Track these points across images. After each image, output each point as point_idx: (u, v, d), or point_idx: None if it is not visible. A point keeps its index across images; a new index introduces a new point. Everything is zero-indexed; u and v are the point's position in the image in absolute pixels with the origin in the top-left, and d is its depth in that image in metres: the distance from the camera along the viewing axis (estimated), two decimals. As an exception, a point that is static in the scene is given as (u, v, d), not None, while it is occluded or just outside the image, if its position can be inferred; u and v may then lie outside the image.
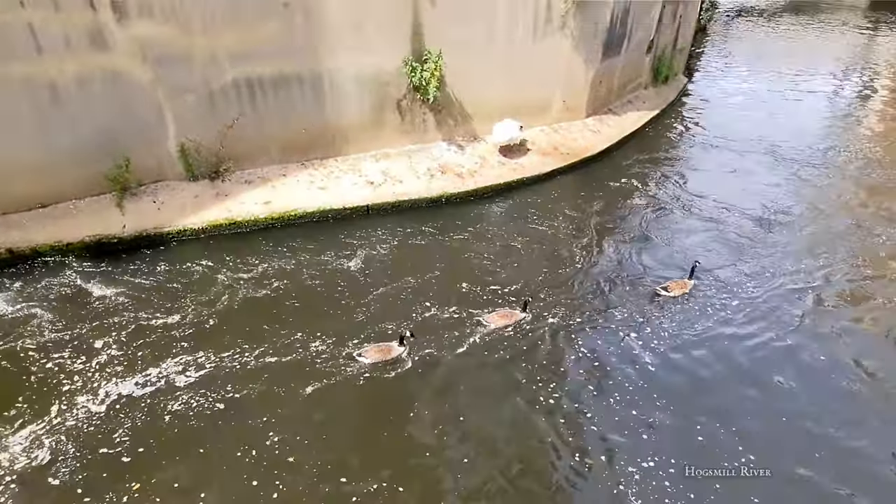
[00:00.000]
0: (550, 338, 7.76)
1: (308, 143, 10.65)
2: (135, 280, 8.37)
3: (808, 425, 6.71)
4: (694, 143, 14.10)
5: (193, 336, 7.47)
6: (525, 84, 12.18)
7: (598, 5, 12.02)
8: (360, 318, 7.91)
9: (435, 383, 7.06)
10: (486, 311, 8.08)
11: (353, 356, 7.26)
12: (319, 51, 9.92)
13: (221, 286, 8.33)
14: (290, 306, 8.06)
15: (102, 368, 6.95)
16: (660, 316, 8.23)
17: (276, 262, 8.87)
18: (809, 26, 26.74)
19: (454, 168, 11.29)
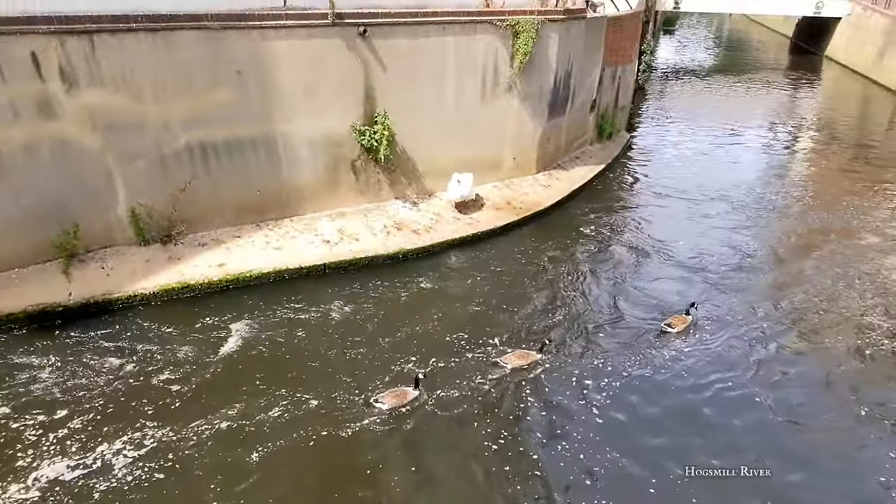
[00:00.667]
0: (516, 387, 7.85)
1: (263, 205, 10.69)
2: (79, 349, 8.05)
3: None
4: (640, 193, 14.76)
5: (141, 408, 7.18)
6: (476, 143, 12.63)
7: (542, 70, 12.70)
8: (329, 379, 7.78)
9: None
10: (504, 353, 8.30)
11: (370, 402, 7.35)
12: (273, 115, 10.13)
13: (173, 353, 8.09)
14: (249, 370, 7.87)
15: (42, 448, 6.57)
16: (635, 359, 8.44)
17: (231, 325, 8.71)
18: (737, 84, 28.80)
19: (410, 225, 11.46)
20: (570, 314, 9.54)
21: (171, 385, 7.56)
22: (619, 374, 8.16)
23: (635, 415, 7.55)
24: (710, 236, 12.36)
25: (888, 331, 9.20)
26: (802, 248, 11.99)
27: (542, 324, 9.22)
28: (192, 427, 6.94)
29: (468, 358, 8.35)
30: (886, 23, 28.04)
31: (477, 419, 7.33)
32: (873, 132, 21.51)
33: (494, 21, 11.59)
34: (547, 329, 9.06)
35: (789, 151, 19.08)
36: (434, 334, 8.80)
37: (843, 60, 32.53)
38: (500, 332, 8.92)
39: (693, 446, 7.13)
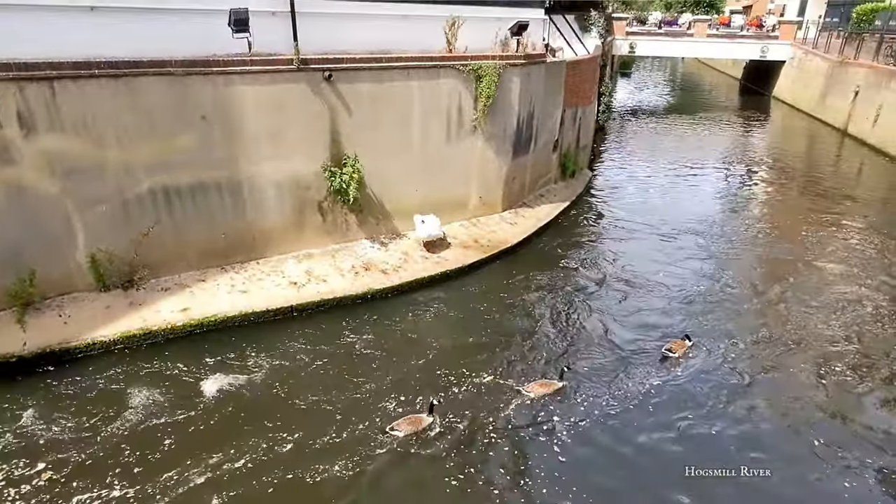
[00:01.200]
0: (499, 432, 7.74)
1: (228, 248, 10.58)
2: (34, 401, 7.71)
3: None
4: (605, 227, 15.10)
5: (105, 462, 6.87)
6: (443, 183, 12.82)
7: (505, 112, 13.06)
8: (305, 423, 7.58)
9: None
10: (527, 382, 8.43)
11: (385, 430, 7.39)
12: (238, 159, 10.14)
13: (135, 402, 7.81)
14: (217, 417, 7.63)
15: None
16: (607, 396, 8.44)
17: (196, 371, 8.47)
18: (693, 123, 30.05)
19: (378, 265, 11.45)
20: (546, 347, 9.59)
21: (134, 436, 7.27)
22: (594, 410, 8.16)
23: (599, 451, 7.53)
24: (677, 268, 12.67)
25: (855, 361, 9.39)
26: (772, 277, 12.32)
27: (519, 358, 9.23)
28: (162, 482, 6.64)
29: (454, 392, 8.27)
30: (826, 66, 29.81)
31: (495, 449, 7.28)
32: (822, 167, 22.57)
33: (457, 66, 11.94)
34: (527, 363, 9.06)
35: (746, 186, 19.84)
36: (409, 373, 8.70)
37: (789, 100, 34.33)
38: (479, 368, 8.87)
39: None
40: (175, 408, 7.77)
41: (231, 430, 7.45)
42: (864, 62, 26.28)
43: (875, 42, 26.72)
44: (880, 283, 12.07)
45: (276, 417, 7.68)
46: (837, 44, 30.87)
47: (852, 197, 18.11)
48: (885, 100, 23.22)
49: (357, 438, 7.40)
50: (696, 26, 37.00)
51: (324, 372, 8.67)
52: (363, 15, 11.41)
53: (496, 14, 13.32)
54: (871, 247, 13.96)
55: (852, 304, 11.16)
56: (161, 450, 7.11)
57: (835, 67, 28.67)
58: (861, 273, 12.50)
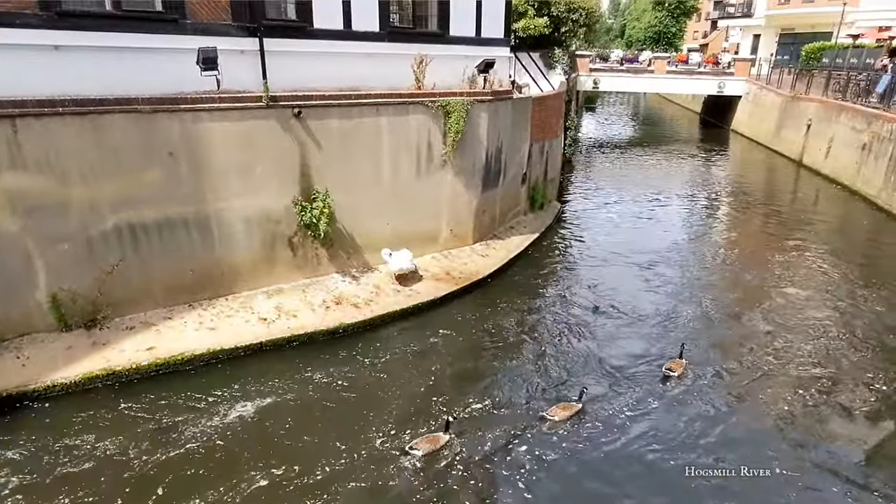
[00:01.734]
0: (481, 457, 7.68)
1: (196, 284, 10.42)
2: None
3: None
4: (575, 257, 15.35)
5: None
6: (413, 216, 12.92)
7: (474, 147, 13.32)
8: (282, 464, 7.36)
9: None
10: (550, 406, 8.56)
11: (405, 450, 7.54)
12: (206, 195, 10.08)
13: (96, 447, 7.52)
14: (185, 461, 7.37)
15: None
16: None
17: (161, 411, 8.22)
18: (656, 155, 31.04)
19: (350, 299, 11.39)
20: (522, 376, 9.61)
21: (92, 482, 6.97)
22: (568, 444, 8.17)
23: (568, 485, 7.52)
24: (649, 294, 12.93)
25: (830, 384, 9.60)
26: (744, 302, 12.62)
27: (498, 388, 9.22)
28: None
29: (428, 429, 8.17)
30: (780, 101, 31.24)
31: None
32: (780, 196, 23.46)
33: (426, 102, 12.18)
34: (502, 392, 9.03)
35: (710, 214, 20.49)
36: (383, 407, 8.57)
37: (746, 133, 35.74)
38: (457, 400, 8.80)
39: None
40: (139, 451, 7.50)
41: (201, 474, 7.22)
42: (814, 97, 27.61)
43: (824, 78, 28.16)
44: (847, 305, 12.52)
45: (246, 458, 7.47)
46: (789, 80, 32.45)
47: (811, 224, 18.81)
48: (835, 133, 24.36)
49: (341, 474, 7.24)
50: (656, 63, 38.57)
51: (296, 409, 8.49)
52: (332, 53, 11.63)
53: (463, 52, 13.69)
54: (834, 271, 14.49)
55: (823, 327, 11.47)
56: (125, 497, 6.83)
57: (788, 102, 30.06)
58: (827, 297, 12.92)
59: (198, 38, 9.77)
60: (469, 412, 8.56)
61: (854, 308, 12.37)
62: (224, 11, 10.11)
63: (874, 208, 19.88)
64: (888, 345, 10.79)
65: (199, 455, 7.52)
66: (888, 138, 19.79)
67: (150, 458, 7.41)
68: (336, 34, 11.61)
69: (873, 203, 20.14)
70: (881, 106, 21.91)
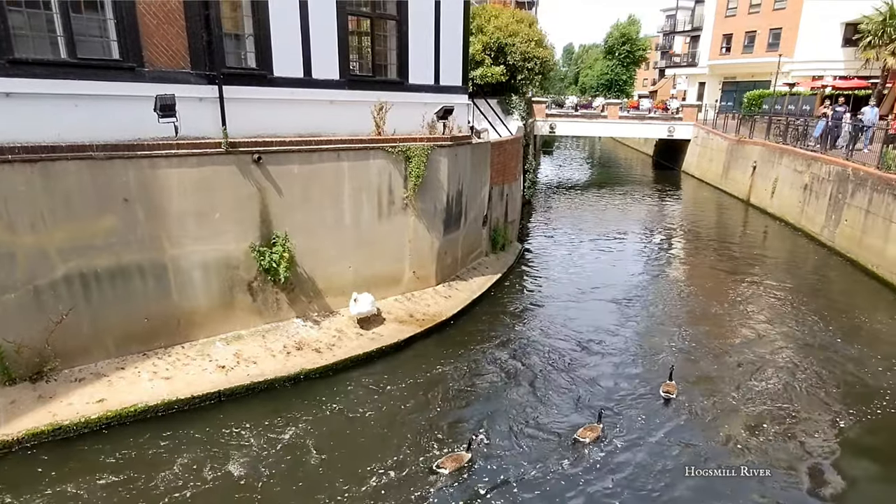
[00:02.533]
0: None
1: (150, 332, 10.11)
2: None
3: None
4: (537, 296, 15.54)
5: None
6: (376, 259, 12.94)
7: (435, 190, 13.53)
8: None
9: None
10: (579, 428, 8.88)
11: (432, 469, 7.88)
12: (162, 242, 9.91)
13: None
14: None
15: None
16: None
17: (109, 469, 7.82)
18: (612, 196, 32.03)
19: (311, 344, 11.22)
20: (491, 416, 9.56)
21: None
22: (534, 483, 8.11)
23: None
24: (611, 330, 13.14)
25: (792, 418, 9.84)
26: (706, 336, 13.00)
27: (463, 430, 9.11)
28: None
29: (398, 474, 8.00)
30: (726, 144, 32.84)
31: None
32: (731, 234, 24.41)
33: (387, 148, 12.40)
34: (467, 435, 8.94)
35: (667, 252, 21.13)
36: (347, 456, 8.36)
37: (697, 174, 37.28)
38: (424, 445, 8.67)
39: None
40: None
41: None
42: (758, 141, 29.15)
43: (765, 123, 29.82)
44: (804, 336, 13.03)
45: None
46: (734, 124, 34.23)
47: (762, 259, 19.60)
48: (779, 174, 25.67)
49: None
50: (609, 109, 40.23)
51: (255, 460, 8.21)
52: (292, 100, 11.76)
53: (423, 99, 14.04)
54: (788, 304, 15.10)
55: (786, 360, 11.81)
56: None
57: (733, 145, 31.62)
58: (785, 329, 13.40)
59: (156, 85, 9.76)
60: (435, 456, 8.43)
61: (811, 338, 12.87)
62: (183, 60, 10.18)
63: (818, 244, 20.86)
64: (847, 378, 11.13)
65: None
66: (827, 179, 20.97)
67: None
68: (296, 82, 11.78)
69: (817, 239, 21.13)
70: (819, 149, 23.28)
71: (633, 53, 69.20)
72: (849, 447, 9.00)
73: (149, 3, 9.61)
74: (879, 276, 16.66)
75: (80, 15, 9.22)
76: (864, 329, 13.50)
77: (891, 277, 16.12)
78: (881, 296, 15.80)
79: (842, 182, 19.81)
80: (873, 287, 16.50)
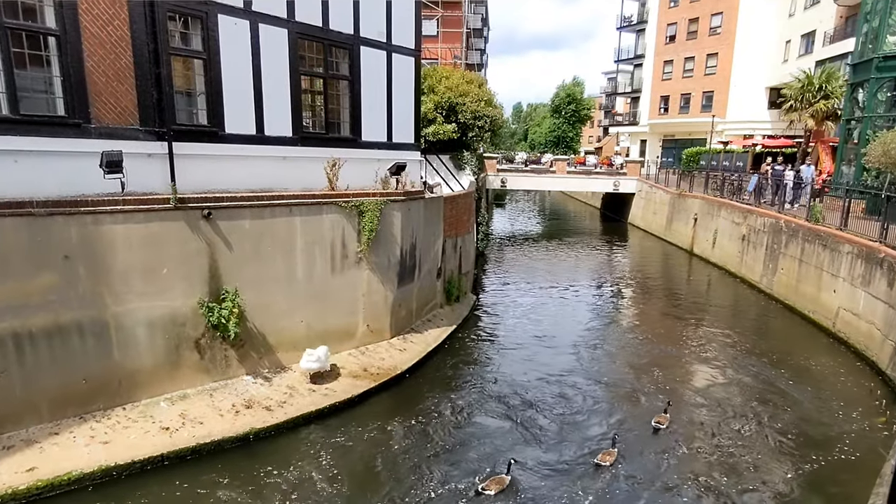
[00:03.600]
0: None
1: (89, 394, 9.63)
2: None
3: None
4: (492, 346, 15.61)
5: None
6: (329, 313, 12.82)
7: (388, 244, 13.66)
8: None
9: None
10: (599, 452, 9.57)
11: (478, 491, 8.50)
12: (105, 299, 9.60)
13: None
14: None
15: None
16: None
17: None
18: (563, 247, 32.93)
19: (262, 401, 10.89)
20: (443, 472, 9.37)
21: None
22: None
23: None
24: (566, 377, 13.30)
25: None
26: (658, 381, 13.26)
27: (421, 486, 8.92)
28: None
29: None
30: (668, 197, 34.45)
31: None
32: (677, 282, 25.31)
33: (340, 203, 12.52)
34: (425, 490, 8.73)
35: (617, 300, 21.71)
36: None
37: (642, 226, 38.78)
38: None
39: None
40: None
41: None
42: (697, 194, 30.69)
43: (703, 178, 31.53)
44: (751, 380, 13.50)
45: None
46: (674, 179, 36.03)
47: (707, 307, 20.38)
48: (718, 225, 26.99)
49: None
50: (557, 164, 41.79)
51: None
52: (244, 156, 11.82)
53: (376, 156, 14.34)
54: (735, 349, 15.68)
55: (737, 405, 12.10)
56: None
57: (675, 198, 33.19)
58: (733, 374, 13.82)
59: (103, 141, 9.66)
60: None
61: (761, 382, 13.32)
62: (132, 116, 10.16)
63: (758, 292, 21.82)
64: (801, 425, 11.38)
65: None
66: (763, 230, 22.19)
67: None
68: (249, 139, 11.88)
69: (757, 287, 22.13)
70: (753, 202, 24.70)
71: (578, 112, 72.68)
72: (809, 493, 9.19)
73: (98, 62, 9.64)
74: (816, 322, 17.50)
75: (25, 71, 9.15)
76: (811, 371, 14.09)
77: (826, 322, 16.96)
78: (819, 340, 16.56)
79: (776, 233, 21.00)
80: (811, 331, 17.30)
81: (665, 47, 51.75)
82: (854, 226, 16.89)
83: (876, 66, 21.57)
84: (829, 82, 31.74)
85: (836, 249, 16.80)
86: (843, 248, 16.41)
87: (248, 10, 11.45)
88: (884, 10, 21.38)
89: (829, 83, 31.68)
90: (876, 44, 21.77)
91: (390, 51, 14.47)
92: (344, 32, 13.36)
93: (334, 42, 13.27)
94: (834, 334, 16.29)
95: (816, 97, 32.04)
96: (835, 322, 16.43)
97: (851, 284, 15.71)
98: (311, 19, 12.60)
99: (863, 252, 15.31)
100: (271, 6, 11.83)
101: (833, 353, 15.32)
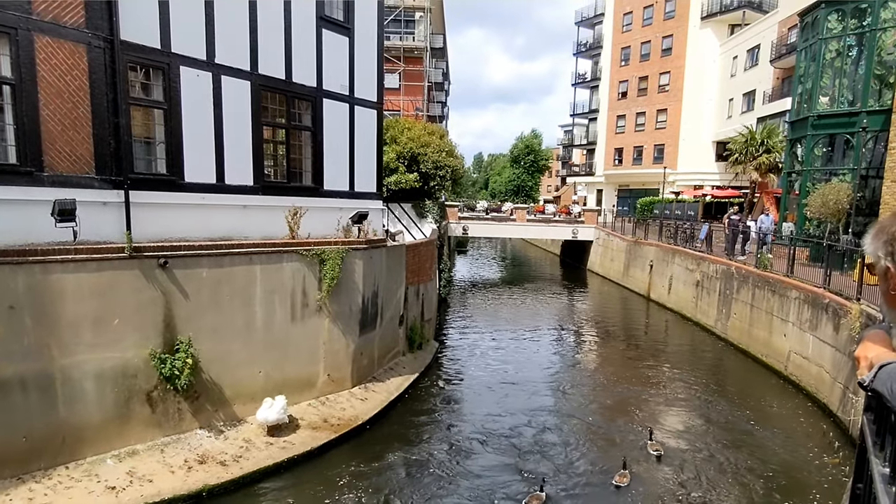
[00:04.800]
0: None
1: (29, 453, 9.09)
2: None
3: None
4: (455, 392, 15.53)
5: None
6: (289, 363, 12.57)
7: (350, 292, 13.61)
8: None
9: None
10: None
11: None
12: (51, 350, 9.22)
13: None
14: None
15: None
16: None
17: None
18: (524, 293, 33.29)
19: (216, 456, 10.47)
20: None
21: None
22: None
23: None
24: (531, 423, 13.26)
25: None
26: (628, 425, 13.35)
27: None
28: None
29: None
30: (625, 244, 35.44)
31: None
32: (636, 326, 25.77)
33: (301, 251, 12.49)
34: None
35: (578, 344, 21.98)
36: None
37: (600, 272, 39.61)
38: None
39: None
40: None
41: None
42: (652, 242, 31.70)
43: (657, 226, 32.66)
44: (716, 418, 13.81)
45: None
46: (630, 227, 37.19)
47: (665, 350, 20.79)
48: (673, 272, 27.83)
49: None
50: (517, 213, 42.67)
51: None
52: (204, 205, 11.76)
53: (338, 205, 14.46)
54: (697, 391, 15.97)
55: (703, 448, 12.23)
56: None
57: (631, 246, 34.18)
58: (695, 416, 14.11)
59: (56, 189, 9.48)
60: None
61: (724, 423, 13.59)
62: (87, 165, 10.04)
63: (714, 336, 22.41)
64: (769, 467, 11.55)
65: None
66: (715, 276, 22.99)
67: None
68: (208, 187, 11.85)
69: (712, 332, 22.74)
70: (705, 250, 25.65)
71: (537, 163, 74.98)
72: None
73: (54, 111, 9.58)
74: (769, 365, 18.03)
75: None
76: (767, 413, 14.44)
77: (778, 366, 17.49)
78: (773, 382, 17.03)
79: (728, 279, 21.77)
80: (765, 374, 17.78)
81: (617, 103, 54.34)
82: (800, 272, 17.67)
83: (811, 123, 23.12)
84: (770, 137, 33.77)
85: (784, 295, 17.50)
86: (790, 293, 17.11)
87: (210, 62, 11.62)
88: (815, 74, 23.11)
89: (770, 138, 33.71)
90: (810, 104, 23.41)
91: (353, 103, 14.81)
92: (307, 85, 13.65)
93: (297, 94, 13.52)
94: (787, 377, 16.78)
95: (759, 151, 33.98)
96: (787, 365, 16.95)
97: (800, 329, 16.31)
98: (273, 72, 12.85)
99: (809, 297, 15.99)
100: (234, 59, 12.04)
101: (787, 395, 15.76)
